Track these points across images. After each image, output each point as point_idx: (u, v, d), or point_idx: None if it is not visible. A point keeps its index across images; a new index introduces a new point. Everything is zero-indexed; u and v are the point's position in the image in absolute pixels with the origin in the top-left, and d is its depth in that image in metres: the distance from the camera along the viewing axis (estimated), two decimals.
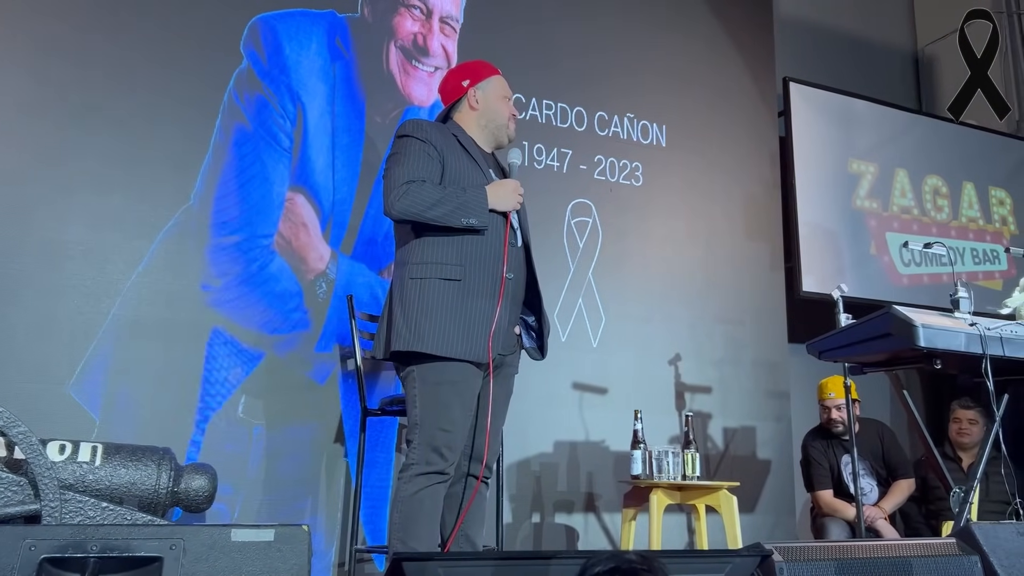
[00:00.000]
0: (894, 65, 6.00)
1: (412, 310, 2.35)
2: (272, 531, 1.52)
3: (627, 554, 0.97)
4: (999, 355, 2.65)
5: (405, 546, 2.28)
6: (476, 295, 2.37)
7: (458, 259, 2.38)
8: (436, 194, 2.34)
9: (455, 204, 2.34)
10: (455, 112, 2.62)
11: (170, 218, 3.16)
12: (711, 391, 4.18)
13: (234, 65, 3.35)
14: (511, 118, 2.64)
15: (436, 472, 2.32)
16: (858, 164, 4.95)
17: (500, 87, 2.64)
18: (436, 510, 2.35)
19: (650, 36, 4.41)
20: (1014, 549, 2.10)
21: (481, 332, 2.35)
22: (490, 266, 2.41)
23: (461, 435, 2.38)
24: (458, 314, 2.34)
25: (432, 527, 2.34)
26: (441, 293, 2.35)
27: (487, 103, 2.60)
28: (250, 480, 3.11)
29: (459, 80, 2.62)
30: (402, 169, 2.38)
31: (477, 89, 2.60)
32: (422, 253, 2.39)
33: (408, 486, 2.31)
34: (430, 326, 2.32)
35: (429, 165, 2.40)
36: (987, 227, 5.36)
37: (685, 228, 4.31)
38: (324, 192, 3.43)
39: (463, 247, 2.39)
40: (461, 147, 2.51)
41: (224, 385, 3.14)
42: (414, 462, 2.32)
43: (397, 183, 2.36)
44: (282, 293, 3.29)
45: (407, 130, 2.47)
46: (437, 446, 2.32)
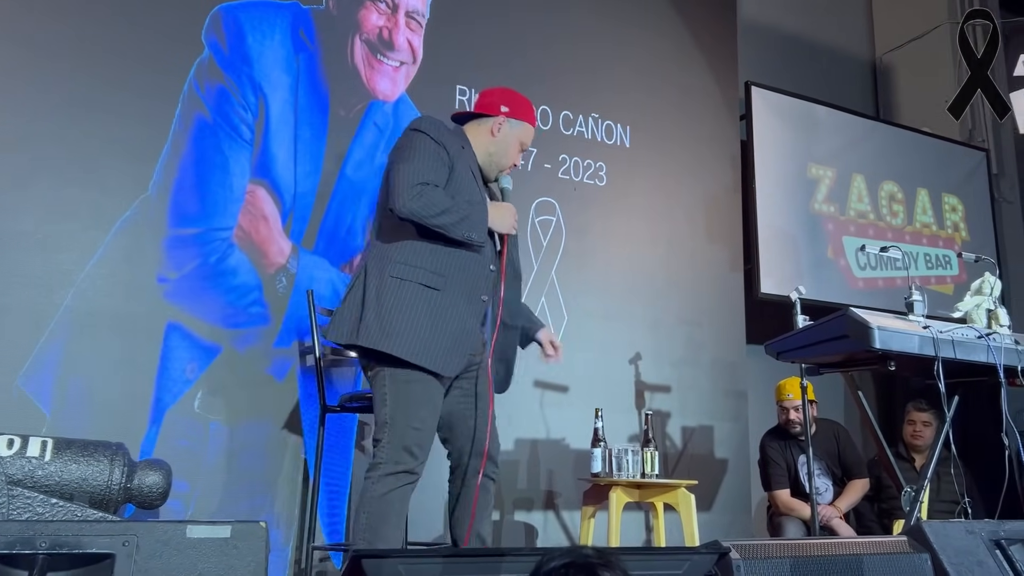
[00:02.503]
0: (853, 72, 6.11)
1: (386, 309, 2.32)
2: (228, 527, 1.49)
3: (584, 549, 0.95)
4: (951, 357, 2.71)
5: (370, 547, 2.22)
6: (451, 308, 2.37)
7: (441, 269, 2.37)
8: (446, 202, 2.33)
9: (461, 216, 2.34)
10: (474, 122, 2.60)
11: (127, 208, 3.10)
12: (670, 390, 4.22)
13: (195, 54, 3.30)
14: (512, 165, 2.62)
15: (405, 471, 2.29)
16: (817, 169, 5.03)
17: (525, 135, 2.62)
18: (403, 510, 2.33)
19: (616, 37, 4.43)
20: (962, 547, 2.15)
21: (449, 345, 2.34)
22: (469, 282, 2.41)
23: (429, 435, 2.37)
24: (431, 323, 2.33)
25: (398, 529, 2.31)
26: (418, 298, 2.34)
27: (505, 140, 2.57)
28: (206, 476, 3.06)
29: (501, 103, 2.60)
30: (415, 167, 2.34)
31: (508, 122, 2.58)
32: (407, 254, 2.37)
33: (377, 486, 2.28)
34: (403, 329, 2.30)
35: (440, 169, 2.38)
36: (940, 233, 5.48)
37: (647, 229, 4.34)
38: (285, 185, 3.38)
39: (448, 258, 2.38)
40: (469, 159, 2.51)
41: (180, 380, 3.09)
42: (382, 461, 2.29)
43: (411, 181, 2.32)
44: (241, 287, 3.24)
45: (423, 127, 2.44)
46: (408, 444, 2.30)
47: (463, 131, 2.58)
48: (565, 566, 0.87)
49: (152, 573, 1.41)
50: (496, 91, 2.69)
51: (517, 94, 2.67)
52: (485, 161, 2.57)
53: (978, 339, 2.78)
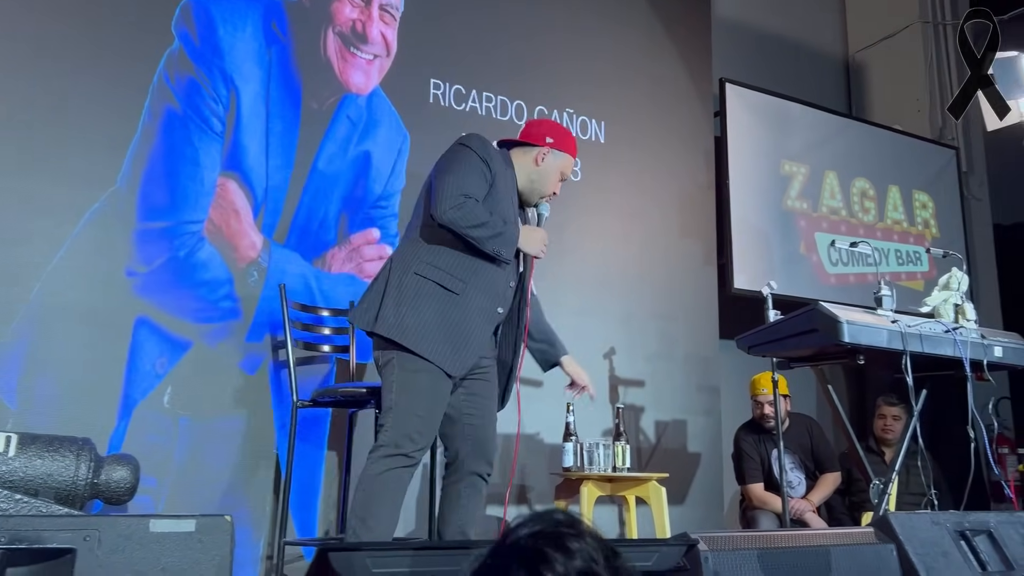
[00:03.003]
0: (826, 70, 6.16)
1: (405, 304, 2.46)
2: (193, 521, 1.48)
3: (555, 514, 0.88)
4: (919, 351, 2.75)
5: (364, 525, 2.34)
6: (464, 311, 2.49)
7: (462, 275, 2.49)
8: (484, 217, 2.45)
9: (495, 232, 2.46)
10: (519, 149, 2.71)
11: (95, 201, 3.06)
12: (644, 385, 4.23)
13: (165, 45, 3.26)
14: (552, 193, 2.74)
15: (404, 455, 2.39)
16: (790, 165, 5.06)
17: (566, 166, 2.73)
18: (399, 493, 2.42)
19: (591, 34, 4.44)
20: (928, 538, 2.17)
21: (456, 346, 2.47)
22: (487, 293, 2.54)
23: (433, 425, 2.47)
24: (443, 322, 2.46)
25: (393, 510, 2.41)
26: (435, 298, 2.46)
27: (547, 170, 2.69)
28: (175, 472, 3.04)
29: (547, 134, 2.71)
30: (460, 180, 2.47)
31: (552, 152, 2.69)
32: (433, 256, 2.50)
33: (375, 466, 2.39)
34: (415, 324, 2.43)
35: (481, 184, 2.51)
36: (911, 229, 5.54)
37: (621, 224, 4.35)
38: (257, 178, 3.35)
39: (470, 267, 2.50)
40: (509, 182, 2.63)
41: (149, 375, 3.06)
42: (384, 444, 2.40)
43: (455, 192, 2.44)
44: (211, 281, 3.21)
45: (472, 144, 2.55)
46: (409, 431, 2.40)
47: (509, 155, 2.70)
48: (533, 536, 0.82)
49: (114, 568, 1.39)
50: (544, 122, 2.85)
51: (561, 126, 2.84)
52: (526, 187, 2.69)
53: (945, 333, 2.82)
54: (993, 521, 2.33)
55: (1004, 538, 2.29)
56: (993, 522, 2.33)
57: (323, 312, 3.35)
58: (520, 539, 0.83)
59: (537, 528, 0.83)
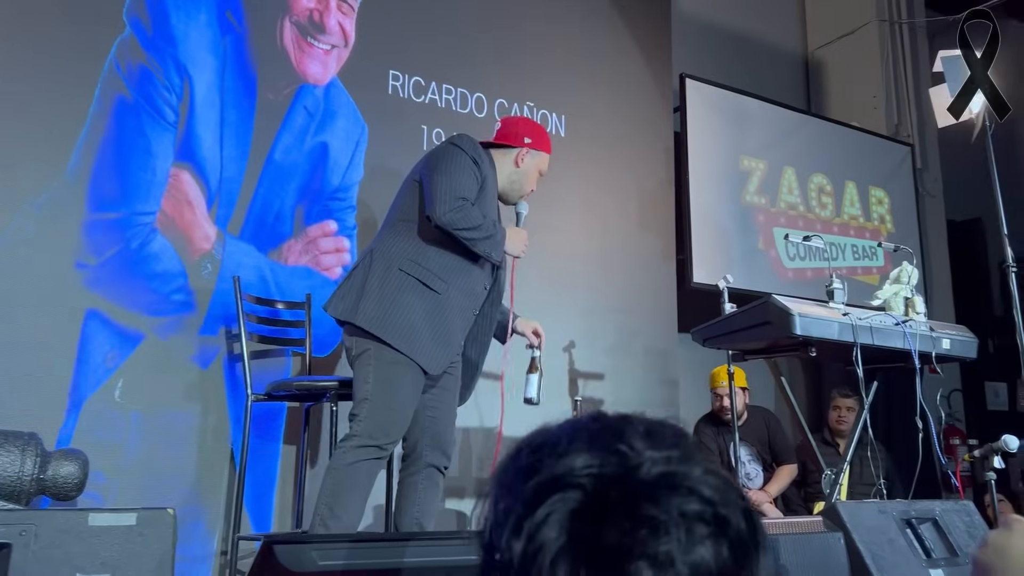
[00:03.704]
0: (785, 67, 6.22)
1: (388, 299, 2.49)
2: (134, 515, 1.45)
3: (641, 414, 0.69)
4: (869, 344, 2.79)
5: (331, 512, 2.37)
6: (445, 311, 2.54)
7: (445, 275, 2.54)
8: (478, 219, 2.52)
9: (487, 235, 2.53)
10: (499, 151, 2.77)
11: (43, 191, 2.99)
12: (603, 378, 4.25)
13: (116, 33, 3.19)
14: (530, 191, 2.82)
15: (376, 446, 2.43)
16: (749, 161, 5.11)
17: (543, 164, 2.82)
18: (368, 484, 2.46)
19: (551, 27, 4.43)
20: (874, 526, 2.21)
21: (437, 345, 2.51)
22: (466, 294, 2.60)
23: (405, 418, 2.50)
24: (425, 320, 2.50)
25: (361, 500, 2.45)
26: (418, 295, 2.51)
27: (527, 170, 2.78)
28: (127, 467, 2.98)
29: (524, 134, 2.78)
30: (456, 182, 2.52)
31: (530, 153, 2.77)
32: (418, 254, 2.55)
33: (346, 455, 2.42)
34: (399, 320, 2.47)
35: (474, 187, 2.57)
36: (867, 224, 5.62)
37: (581, 218, 4.36)
38: (211, 169, 3.30)
39: (453, 267, 2.56)
40: (492, 182, 2.70)
41: (100, 368, 3.00)
42: (357, 434, 2.43)
43: (452, 195, 2.49)
44: (164, 273, 3.16)
45: (464, 146, 2.60)
46: (383, 421, 2.44)
47: (490, 157, 2.74)
48: (618, 416, 0.66)
49: (52, 563, 1.36)
50: (519, 121, 2.92)
51: (536, 124, 2.92)
52: (507, 187, 2.78)
53: (895, 326, 2.87)
54: (939, 509, 2.38)
55: (949, 525, 2.34)
56: (939, 510, 2.37)
57: (279, 305, 3.31)
58: (601, 414, 0.67)
59: (623, 413, 0.67)
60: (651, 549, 0.57)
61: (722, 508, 0.60)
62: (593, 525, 0.57)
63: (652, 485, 0.59)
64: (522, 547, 0.58)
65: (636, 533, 0.57)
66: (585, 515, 0.58)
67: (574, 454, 0.61)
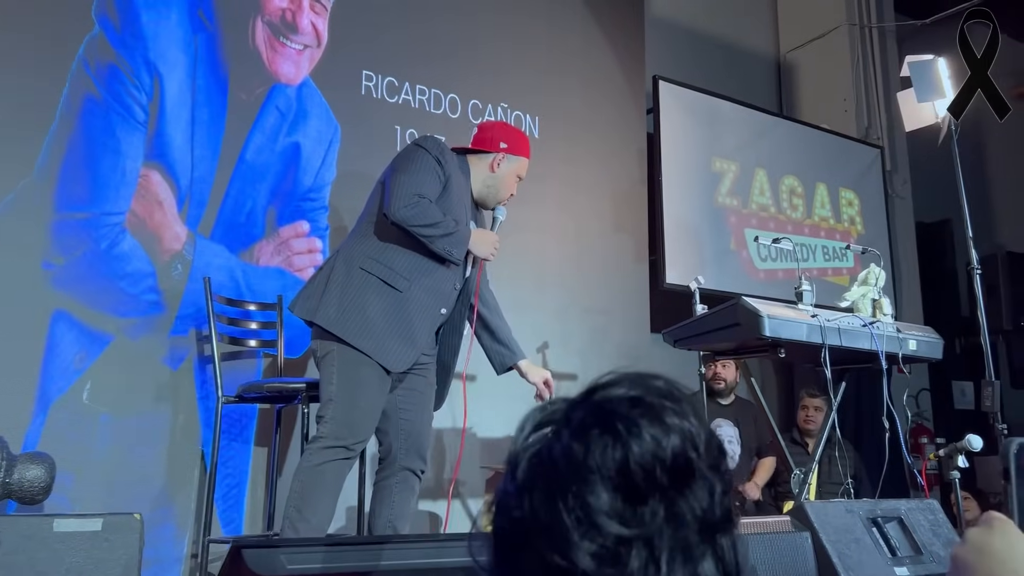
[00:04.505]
0: (758, 69, 6.27)
1: (348, 298, 2.49)
2: (100, 520, 1.44)
3: (654, 380, 0.69)
4: (837, 345, 2.82)
5: (300, 515, 2.37)
6: (407, 309, 2.53)
7: (407, 273, 2.53)
8: (436, 216, 2.49)
9: (445, 232, 2.50)
10: (475, 156, 2.77)
11: (8, 191, 2.95)
12: (576, 378, 4.26)
13: (85, 30, 3.15)
14: (509, 196, 2.81)
15: (343, 447, 2.42)
16: (721, 163, 5.15)
17: (522, 169, 2.82)
18: (337, 485, 2.46)
19: (525, 27, 4.44)
20: (841, 525, 2.24)
21: (397, 343, 2.50)
22: (431, 292, 2.58)
23: (372, 418, 2.50)
24: (385, 319, 2.49)
25: (330, 501, 2.44)
26: (379, 294, 2.50)
27: (503, 175, 2.77)
28: (95, 470, 2.95)
29: (500, 140, 2.77)
30: (414, 180, 2.51)
31: (507, 158, 2.76)
32: (380, 252, 2.54)
33: (313, 457, 2.42)
34: (358, 319, 2.47)
35: (435, 185, 2.56)
36: (837, 226, 5.69)
37: (555, 219, 4.37)
38: (182, 169, 3.28)
39: (416, 265, 2.54)
40: (463, 186, 2.68)
41: (68, 370, 2.97)
42: (323, 435, 2.43)
43: (409, 191, 2.48)
44: (134, 273, 3.13)
45: (428, 145, 2.61)
46: (349, 422, 2.44)
47: (465, 160, 2.75)
48: (628, 400, 0.66)
49: (15, 569, 1.35)
50: (495, 126, 2.92)
51: (514, 129, 2.92)
52: (483, 192, 2.77)
53: (862, 327, 2.90)
54: (904, 508, 2.42)
55: (914, 524, 2.37)
56: (904, 509, 2.41)
57: (250, 306, 3.30)
58: (610, 399, 0.67)
59: (634, 393, 0.67)
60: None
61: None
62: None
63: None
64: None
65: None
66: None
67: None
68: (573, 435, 0.64)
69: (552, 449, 0.64)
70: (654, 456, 0.62)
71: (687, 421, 0.65)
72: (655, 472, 0.61)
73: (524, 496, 0.63)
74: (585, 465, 0.62)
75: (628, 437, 0.63)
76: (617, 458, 0.62)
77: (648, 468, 0.61)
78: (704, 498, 0.62)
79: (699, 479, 0.63)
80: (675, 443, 0.63)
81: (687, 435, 0.64)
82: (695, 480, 0.62)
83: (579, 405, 0.68)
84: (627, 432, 0.63)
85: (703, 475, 0.63)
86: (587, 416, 0.66)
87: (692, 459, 0.63)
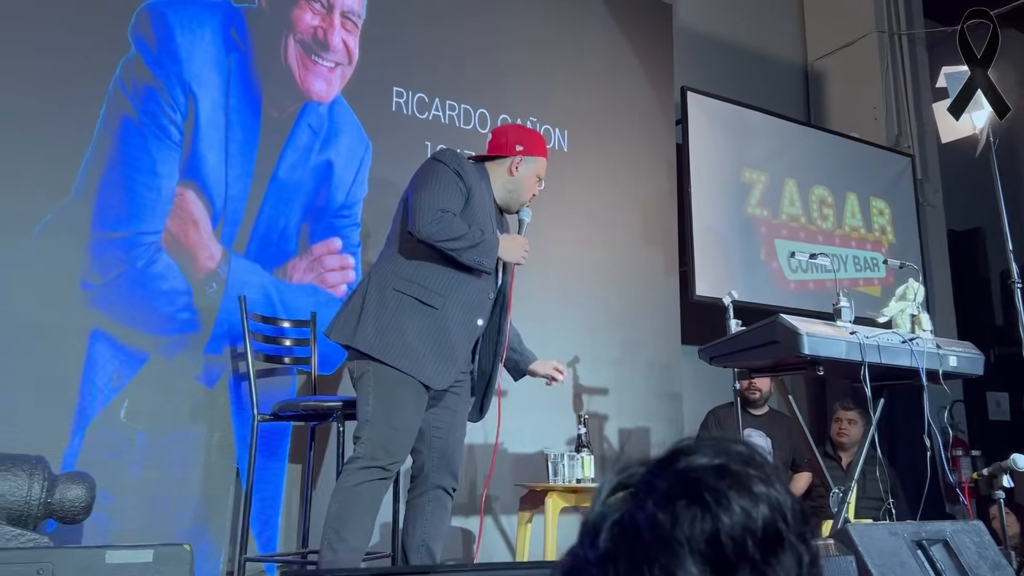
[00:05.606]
0: (785, 78, 6.23)
1: (385, 320, 2.49)
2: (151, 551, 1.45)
3: (734, 445, 0.68)
4: (876, 362, 2.79)
5: (338, 536, 2.37)
6: (444, 326, 2.53)
7: (441, 289, 2.53)
8: (462, 229, 2.49)
9: (473, 243, 2.50)
10: (493, 163, 2.76)
11: (48, 212, 2.98)
12: (607, 392, 4.24)
13: (121, 52, 3.19)
14: (531, 197, 2.79)
15: (379, 467, 2.42)
16: (750, 173, 5.12)
17: (541, 169, 2.79)
18: (374, 505, 2.45)
19: (553, 42, 4.44)
20: (886, 548, 2.21)
21: (438, 360, 2.50)
22: (466, 306, 2.58)
23: (409, 437, 2.50)
24: (423, 338, 2.49)
25: (368, 522, 2.44)
26: (415, 313, 2.51)
27: (523, 177, 2.74)
28: (132, 488, 2.97)
29: (515, 143, 2.76)
30: (436, 195, 2.51)
31: (524, 160, 2.74)
32: (411, 271, 2.54)
33: (350, 478, 2.42)
34: (397, 340, 2.47)
35: (457, 198, 2.55)
36: (868, 236, 5.63)
37: (584, 232, 4.35)
38: (216, 188, 3.30)
39: (449, 280, 2.54)
40: (484, 194, 2.67)
41: (105, 389, 2.99)
42: (360, 456, 2.43)
43: (432, 207, 2.48)
44: (169, 292, 3.15)
45: (446, 159, 2.60)
46: (386, 443, 2.44)
47: (483, 167, 2.74)
48: (714, 469, 0.65)
49: None
50: (509, 129, 2.90)
51: (528, 130, 2.91)
52: (505, 197, 2.76)
53: (902, 344, 2.87)
54: (949, 530, 2.38)
55: (960, 547, 2.33)
56: (949, 531, 2.37)
57: (284, 323, 3.31)
58: (695, 469, 0.66)
59: (718, 461, 0.66)
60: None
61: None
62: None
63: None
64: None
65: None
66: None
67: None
68: (658, 504, 0.63)
69: (636, 518, 0.63)
70: (745, 528, 0.61)
71: (774, 489, 0.64)
72: (746, 544, 0.60)
73: (607, 566, 0.62)
74: (673, 537, 0.61)
75: (717, 509, 0.62)
76: (707, 530, 0.60)
77: (739, 540, 0.60)
78: (792, 568, 0.62)
79: (788, 549, 0.62)
80: (765, 513, 0.62)
81: (776, 505, 0.63)
82: (784, 550, 0.61)
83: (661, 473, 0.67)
84: (716, 503, 0.62)
85: (792, 545, 0.62)
86: (672, 485, 0.65)
87: (782, 529, 0.63)
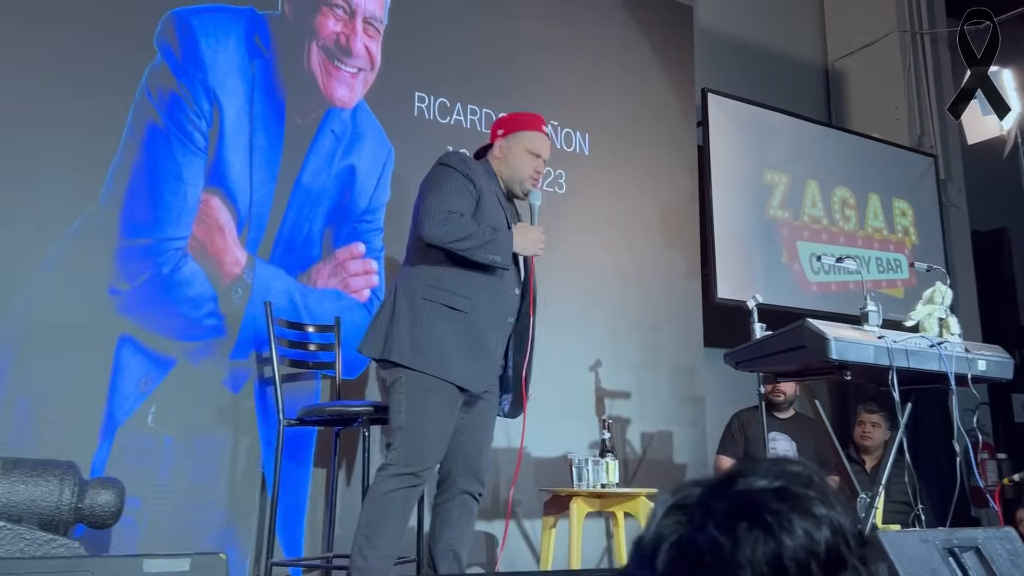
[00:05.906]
0: (806, 79, 6.20)
1: (417, 328, 2.49)
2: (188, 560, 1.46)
3: (793, 466, 0.67)
4: (904, 366, 2.77)
5: (369, 543, 2.39)
6: (477, 329, 2.52)
7: (468, 292, 2.53)
8: (470, 228, 2.48)
9: (483, 241, 2.48)
10: (490, 155, 2.77)
11: (76, 218, 3.01)
12: (629, 396, 4.23)
13: (147, 60, 3.22)
14: (532, 175, 2.74)
15: (411, 474, 2.43)
16: (772, 175, 5.09)
17: (531, 143, 2.73)
18: (406, 512, 2.46)
19: (573, 46, 4.43)
20: (917, 556, 2.19)
21: (475, 363, 2.51)
22: (496, 306, 2.57)
23: (441, 444, 2.50)
24: (457, 343, 2.49)
25: (399, 529, 2.45)
26: (447, 319, 2.50)
27: (511, 156, 2.73)
28: (160, 493, 2.99)
29: (498, 127, 2.80)
30: (443, 197, 2.51)
31: (507, 139, 2.73)
32: (436, 278, 2.53)
33: (383, 484, 2.42)
34: (431, 348, 2.47)
35: (465, 199, 2.54)
36: (891, 237, 5.59)
37: (605, 235, 4.35)
38: (241, 194, 3.32)
39: (474, 283, 2.53)
40: (493, 189, 2.67)
41: (133, 394, 3.02)
42: (391, 463, 2.44)
43: (438, 210, 2.48)
44: (195, 298, 3.17)
45: (452, 162, 2.60)
46: (418, 450, 2.44)
47: (487, 163, 2.74)
48: (774, 492, 0.65)
49: None
50: (496, 121, 2.91)
51: (515, 114, 2.89)
52: (506, 183, 2.75)
53: (930, 348, 2.84)
54: (981, 537, 2.35)
55: (992, 554, 2.31)
56: (981, 538, 2.35)
57: (309, 328, 3.32)
58: (755, 491, 0.65)
59: (778, 484, 0.65)
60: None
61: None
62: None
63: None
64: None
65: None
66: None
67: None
68: (719, 527, 0.63)
69: (696, 540, 0.63)
70: (807, 551, 0.61)
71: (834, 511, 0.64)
72: (810, 567, 0.60)
73: None
74: (735, 560, 0.60)
75: (780, 531, 0.62)
76: (769, 553, 0.60)
77: (803, 563, 0.60)
78: None
79: (850, 571, 0.61)
80: (827, 536, 0.62)
81: (837, 527, 0.63)
82: (845, 572, 0.61)
83: (719, 494, 0.66)
84: (778, 526, 0.62)
85: (853, 567, 0.62)
86: (732, 507, 0.64)
87: (844, 552, 0.63)
